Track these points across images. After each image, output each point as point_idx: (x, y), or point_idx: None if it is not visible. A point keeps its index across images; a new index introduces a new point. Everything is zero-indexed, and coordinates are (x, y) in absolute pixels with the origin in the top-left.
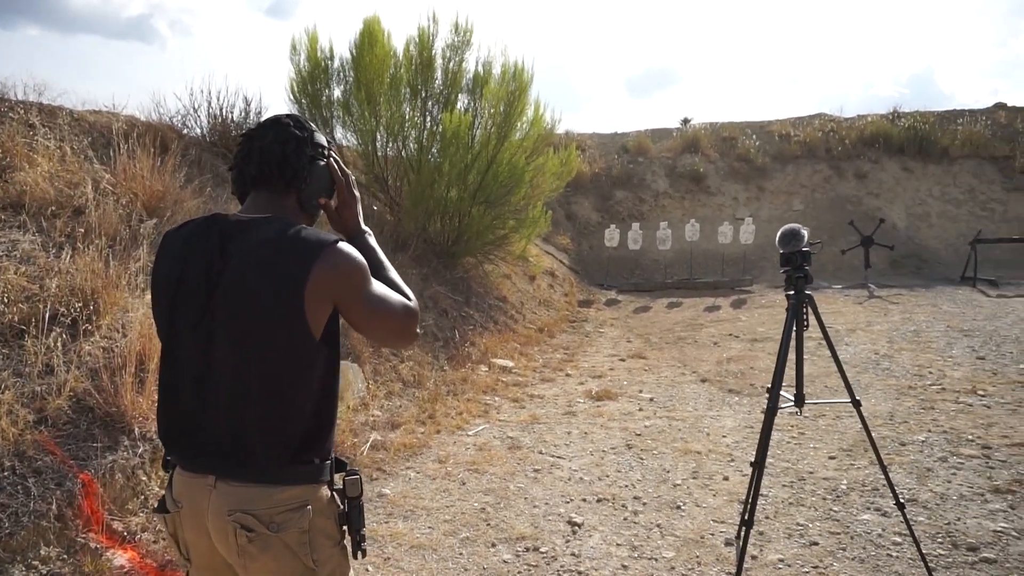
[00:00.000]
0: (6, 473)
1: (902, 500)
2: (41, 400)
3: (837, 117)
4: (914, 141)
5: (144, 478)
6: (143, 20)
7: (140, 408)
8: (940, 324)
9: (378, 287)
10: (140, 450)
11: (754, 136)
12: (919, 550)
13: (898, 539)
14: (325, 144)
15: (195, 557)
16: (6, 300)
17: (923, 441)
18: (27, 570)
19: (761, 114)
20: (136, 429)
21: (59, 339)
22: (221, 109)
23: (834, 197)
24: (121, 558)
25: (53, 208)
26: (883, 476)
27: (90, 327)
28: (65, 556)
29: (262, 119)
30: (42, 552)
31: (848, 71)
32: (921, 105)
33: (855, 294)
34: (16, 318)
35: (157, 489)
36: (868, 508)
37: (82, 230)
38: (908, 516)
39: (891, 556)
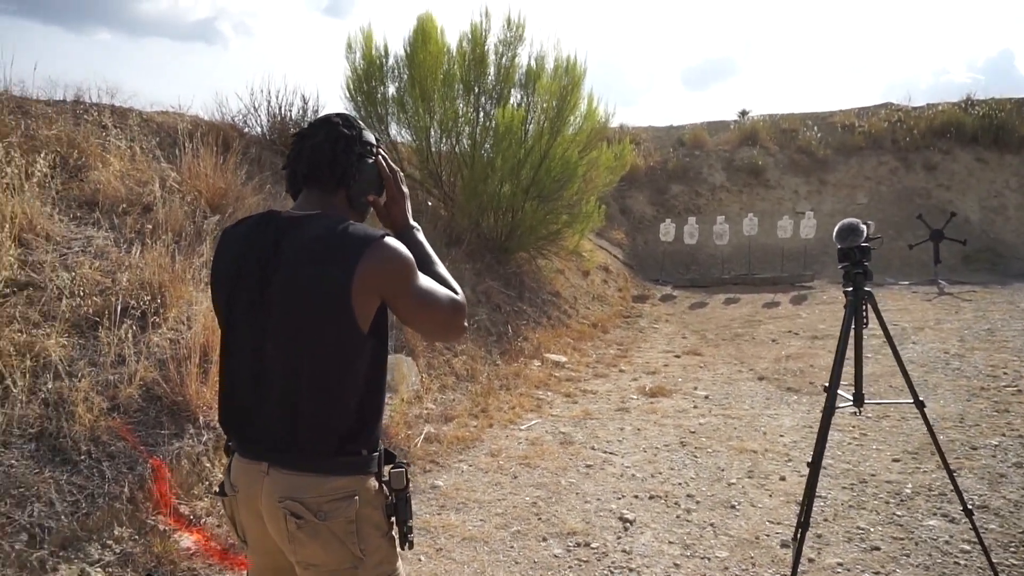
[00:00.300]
0: (83, 457)
1: (971, 506)
2: (114, 389)
3: (905, 106)
4: (989, 130)
5: (208, 464)
6: (208, 23)
7: (204, 398)
8: (1017, 323)
9: (424, 281)
10: (204, 438)
11: (815, 127)
12: (988, 559)
13: (967, 547)
14: (373, 142)
15: (251, 540)
16: (82, 293)
17: (996, 445)
18: (102, 548)
19: (823, 104)
20: (200, 418)
21: (130, 331)
22: (280, 108)
23: (901, 190)
24: (188, 540)
25: (124, 205)
26: (950, 481)
27: (158, 319)
28: (136, 536)
29: (315, 118)
30: (115, 532)
31: (918, 57)
32: (997, 92)
33: (924, 291)
34: (91, 310)
35: (220, 476)
36: (935, 513)
37: (150, 226)
38: (978, 523)
39: (959, 564)
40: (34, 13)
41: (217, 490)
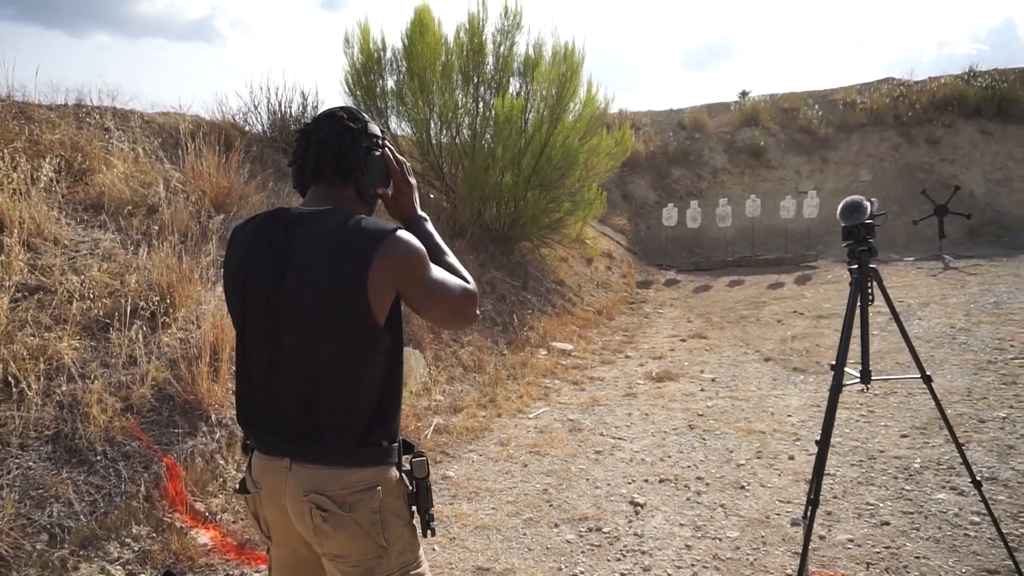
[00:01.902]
0: (99, 457)
1: (980, 478)
2: (127, 389)
3: (907, 81)
4: (992, 101)
5: (221, 462)
6: (204, 22)
7: (215, 396)
8: (1023, 295)
9: (437, 272)
10: (217, 435)
11: (816, 106)
12: (998, 529)
13: (976, 519)
14: (379, 134)
15: (275, 535)
16: (91, 296)
17: (1004, 418)
18: (121, 547)
19: (824, 82)
20: (212, 416)
21: (140, 331)
22: (280, 105)
23: (904, 165)
24: (204, 537)
25: (130, 207)
26: (959, 454)
27: (167, 319)
28: (154, 534)
29: (318, 113)
30: (133, 530)
31: (921, 30)
32: (1001, 62)
33: (929, 266)
34: (101, 312)
35: (234, 473)
36: (944, 487)
37: (156, 227)
38: (987, 495)
39: (968, 536)
40: (34, 18)
41: (238, 487)
